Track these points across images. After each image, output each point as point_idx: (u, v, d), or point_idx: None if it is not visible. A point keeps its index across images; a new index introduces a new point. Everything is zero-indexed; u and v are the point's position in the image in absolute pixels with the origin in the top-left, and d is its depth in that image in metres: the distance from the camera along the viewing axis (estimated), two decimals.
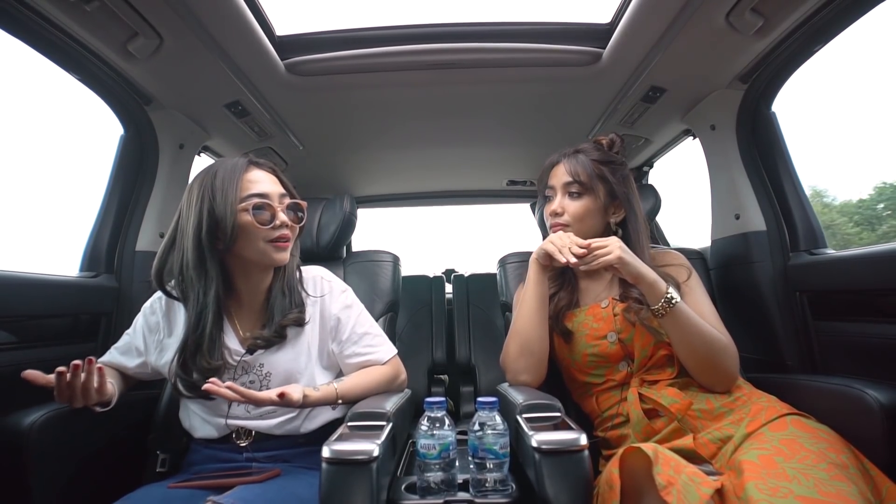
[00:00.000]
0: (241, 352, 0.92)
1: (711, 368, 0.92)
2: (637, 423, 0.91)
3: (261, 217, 0.88)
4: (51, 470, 0.84)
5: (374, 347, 1.02)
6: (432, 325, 1.81)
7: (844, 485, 0.64)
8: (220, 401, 0.89)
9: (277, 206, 0.91)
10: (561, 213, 1.05)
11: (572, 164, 1.07)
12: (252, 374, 0.92)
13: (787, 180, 1.29)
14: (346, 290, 1.06)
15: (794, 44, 1.10)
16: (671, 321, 0.90)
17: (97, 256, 1.26)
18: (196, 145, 1.48)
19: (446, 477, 0.73)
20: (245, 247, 0.89)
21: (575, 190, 1.06)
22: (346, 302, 1.03)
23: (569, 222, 1.05)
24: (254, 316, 0.98)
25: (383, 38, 1.23)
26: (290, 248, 0.94)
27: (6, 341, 0.98)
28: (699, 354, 0.91)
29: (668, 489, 0.62)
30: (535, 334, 1.02)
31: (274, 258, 0.91)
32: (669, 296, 0.89)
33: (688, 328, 0.90)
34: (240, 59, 1.15)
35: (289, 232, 0.92)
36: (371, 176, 2.08)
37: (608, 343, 0.99)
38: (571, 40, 1.22)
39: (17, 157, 4.30)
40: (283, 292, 0.97)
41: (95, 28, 0.98)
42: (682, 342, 0.91)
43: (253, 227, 0.87)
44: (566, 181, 1.06)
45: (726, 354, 0.91)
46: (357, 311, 1.04)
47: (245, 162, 0.93)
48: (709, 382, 0.93)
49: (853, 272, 1.06)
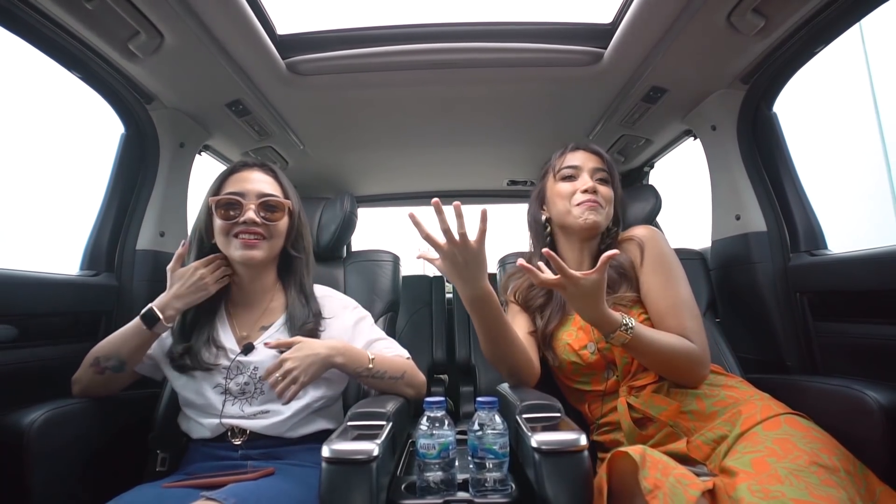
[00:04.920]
0: (237, 351, 0.93)
1: (677, 376, 0.93)
2: (629, 434, 0.91)
3: (225, 213, 0.93)
4: (51, 469, 0.84)
5: (392, 349, 1.05)
6: (432, 325, 1.81)
7: (835, 490, 0.64)
8: (214, 401, 0.91)
9: (249, 204, 0.93)
10: (595, 191, 1.04)
11: (602, 152, 1.10)
12: (246, 375, 0.92)
13: (787, 181, 1.29)
14: (356, 306, 1.09)
15: (796, 44, 1.10)
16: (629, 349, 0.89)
17: (97, 255, 1.26)
18: (197, 144, 1.48)
19: (446, 477, 0.73)
20: (221, 243, 0.95)
21: (603, 177, 1.08)
22: (358, 315, 1.07)
23: (603, 203, 1.04)
24: (252, 317, 0.99)
25: (384, 37, 1.23)
26: (260, 246, 0.94)
27: (6, 340, 0.98)
28: (658, 367, 0.92)
29: (655, 493, 0.62)
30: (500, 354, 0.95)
31: (236, 254, 0.93)
32: (623, 328, 0.84)
33: (643, 353, 0.89)
34: (241, 58, 1.15)
35: (258, 229, 0.93)
36: (371, 175, 2.08)
37: (588, 353, 0.99)
38: (573, 40, 1.22)
39: (19, 155, 4.30)
40: (300, 301, 0.99)
41: (97, 26, 0.98)
42: (645, 361, 0.93)
43: (220, 223, 0.93)
44: (597, 166, 1.07)
45: (690, 362, 0.89)
46: (370, 322, 1.08)
47: (238, 164, 1.00)
48: (679, 383, 0.94)
49: (853, 273, 1.05)
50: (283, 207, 0.98)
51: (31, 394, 0.94)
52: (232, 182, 0.97)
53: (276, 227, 0.97)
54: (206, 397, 0.91)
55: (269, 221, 0.95)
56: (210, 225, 0.96)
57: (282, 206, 0.98)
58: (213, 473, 0.84)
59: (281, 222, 0.98)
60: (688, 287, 0.99)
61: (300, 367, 0.84)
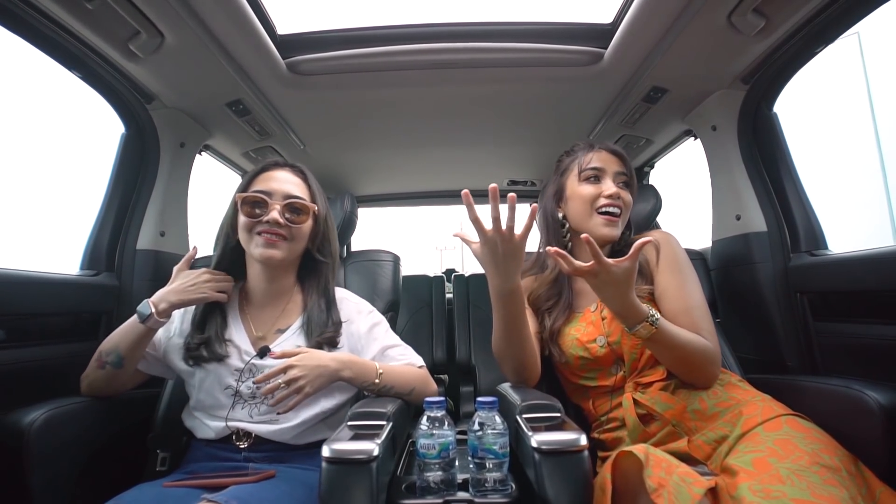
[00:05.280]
0: (252, 353, 0.92)
1: (692, 373, 0.92)
2: (633, 430, 0.91)
3: (250, 210, 0.94)
4: (51, 469, 0.84)
5: (405, 356, 1.04)
6: (432, 325, 1.81)
7: (836, 490, 0.64)
8: (223, 402, 0.91)
9: (274, 203, 0.94)
10: (619, 197, 1.02)
11: (625, 155, 1.08)
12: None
13: (788, 181, 1.29)
14: (372, 309, 1.08)
15: (796, 44, 1.10)
16: (649, 344, 0.89)
17: (98, 255, 1.27)
18: (197, 144, 1.48)
19: (446, 477, 0.73)
20: (243, 239, 0.96)
21: (626, 180, 1.06)
22: (374, 320, 1.05)
23: (623, 209, 1.03)
24: (268, 318, 0.99)
25: (385, 37, 1.23)
26: (280, 246, 0.94)
27: (6, 340, 0.98)
28: (675, 364, 0.91)
29: (659, 491, 0.62)
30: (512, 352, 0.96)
31: (257, 252, 0.93)
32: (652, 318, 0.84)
33: (664, 348, 0.88)
34: (241, 58, 1.15)
35: (280, 230, 0.93)
36: (372, 175, 2.08)
37: (598, 347, 0.99)
38: (573, 40, 1.22)
39: (19, 155, 4.29)
40: (319, 307, 0.98)
41: (97, 26, 0.98)
42: (659, 356, 0.92)
43: (244, 220, 0.94)
44: (620, 169, 1.05)
45: (705, 360, 0.89)
46: (385, 327, 1.07)
47: (269, 163, 1.01)
48: (691, 382, 0.93)
49: (854, 273, 1.05)
50: (307, 210, 0.98)
51: (31, 394, 0.94)
52: (261, 180, 0.97)
53: (299, 229, 0.97)
54: (215, 398, 0.91)
55: (293, 223, 0.95)
56: (235, 221, 0.96)
57: (307, 209, 0.97)
58: (214, 474, 0.84)
59: (305, 225, 0.98)
60: (701, 292, 0.98)
61: (308, 378, 0.83)
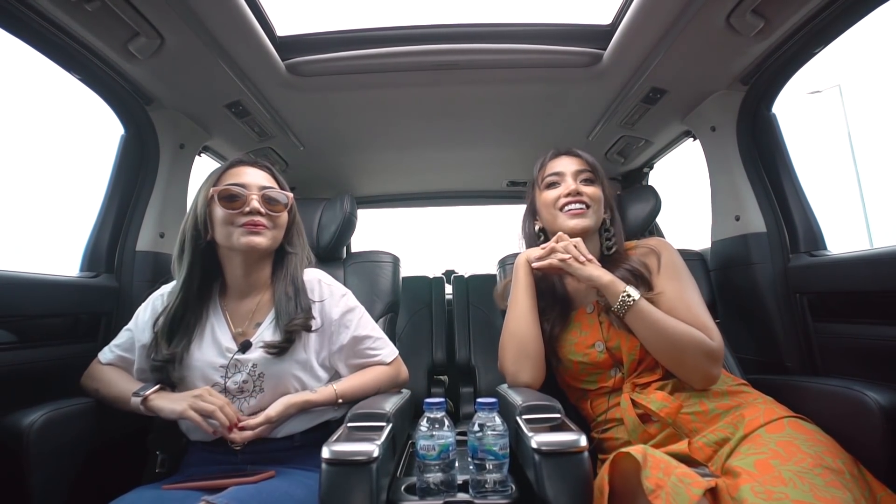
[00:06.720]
0: (234, 349, 0.92)
1: (679, 364, 0.91)
2: (633, 430, 0.91)
3: (230, 203, 0.93)
4: (51, 470, 0.84)
5: (377, 350, 1.04)
6: (432, 326, 1.81)
7: (839, 492, 0.64)
8: None
9: (252, 194, 0.94)
10: (578, 193, 1.06)
11: (583, 154, 1.12)
12: (245, 373, 0.91)
13: (787, 182, 1.29)
14: (346, 293, 1.06)
15: (795, 45, 1.10)
16: (632, 319, 0.92)
17: (97, 256, 1.26)
18: (197, 145, 1.48)
19: (446, 478, 0.73)
20: (220, 234, 0.94)
21: (588, 177, 1.10)
22: (347, 306, 1.03)
23: (589, 203, 1.06)
24: (246, 312, 0.99)
25: (384, 38, 1.23)
26: (264, 234, 0.94)
27: (6, 341, 0.98)
28: (664, 351, 0.91)
29: (657, 492, 0.62)
30: (530, 335, 1.02)
31: (241, 241, 0.93)
32: (626, 293, 0.92)
33: (649, 325, 0.90)
34: (241, 60, 1.15)
35: (262, 219, 0.94)
36: (371, 176, 2.08)
37: (597, 352, 0.99)
38: (572, 41, 1.23)
39: (18, 156, 4.30)
40: (287, 295, 0.97)
41: (96, 28, 0.98)
42: (646, 339, 0.93)
43: (223, 213, 0.93)
44: (579, 168, 1.10)
45: (693, 348, 0.88)
46: (358, 314, 1.05)
47: (235, 160, 1.00)
48: (683, 377, 0.92)
49: (853, 274, 1.06)
50: (284, 200, 0.99)
51: (31, 395, 0.94)
52: (231, 175, 0.97)
53: (278, 218, 0.98)
54: None
55: (273, 213, 0.96)
56: (206, 219, 0.94)
57: (284, 198, 0.99)
58: (213, 475, 0.84)
59: (283, 215, 0.99)
60: (700, 296, 0.99)
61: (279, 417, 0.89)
